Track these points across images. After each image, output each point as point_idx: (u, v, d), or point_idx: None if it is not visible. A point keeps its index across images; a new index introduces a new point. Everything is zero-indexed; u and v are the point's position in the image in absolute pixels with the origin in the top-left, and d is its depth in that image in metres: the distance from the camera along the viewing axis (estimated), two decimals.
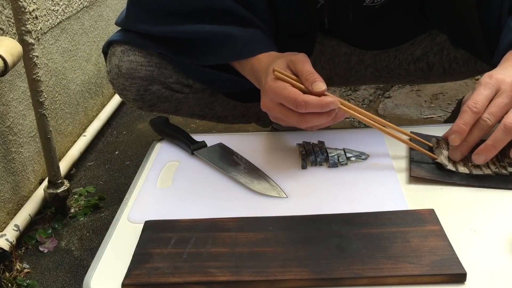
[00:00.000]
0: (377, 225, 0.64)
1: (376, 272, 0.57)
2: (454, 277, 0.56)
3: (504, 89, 0.72)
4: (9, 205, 1.20)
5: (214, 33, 0.88)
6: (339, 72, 1.16)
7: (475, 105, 0.71)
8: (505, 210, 0.68)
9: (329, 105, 0.71)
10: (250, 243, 0.62)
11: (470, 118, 0.71)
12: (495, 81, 0.72)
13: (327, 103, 0.71)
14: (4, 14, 1.16)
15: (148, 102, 0.99)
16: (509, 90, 0.71)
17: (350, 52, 1.13)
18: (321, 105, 0.71)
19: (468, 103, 0.72)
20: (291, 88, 0.73)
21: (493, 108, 0.71)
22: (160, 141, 0.92)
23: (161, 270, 0.59)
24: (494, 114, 0.71)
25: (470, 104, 0.71)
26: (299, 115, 0.72)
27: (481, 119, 0.71)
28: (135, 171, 0.85)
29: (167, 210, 0.73)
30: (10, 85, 1.20)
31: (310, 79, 0.73)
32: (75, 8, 1.55)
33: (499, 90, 0.72)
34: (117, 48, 0.96)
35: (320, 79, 0.73)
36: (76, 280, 1.10)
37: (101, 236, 0.70)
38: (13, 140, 1.22)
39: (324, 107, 0.71)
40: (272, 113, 0.76)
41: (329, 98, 0.71)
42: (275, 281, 0.57)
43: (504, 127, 0.70)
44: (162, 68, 0.95)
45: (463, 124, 0.71)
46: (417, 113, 1.70)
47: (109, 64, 0.97)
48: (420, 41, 1.10)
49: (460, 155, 0.75)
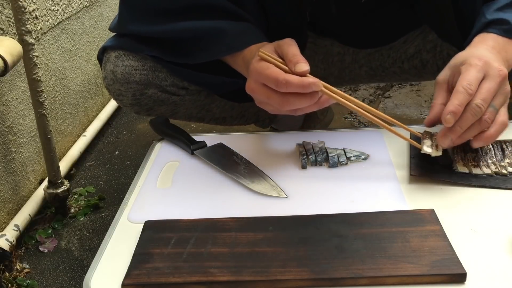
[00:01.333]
0: (377, 225, 0.65)
1: (376, 272, 0.57)
2: (454, 277, 0.56)
3: (493, 74, 0.71)
4: (9, 205, 1.20)
5: (205, 29, 0.88)
6: (334, 72, 1.17)
7: (470, 86, 0.70)
8: (505, 210, 0.68)
9: (310, 86, 0.70)
10: (250, 243, 0.62)
11: (465, 99, 0.70)
12: (484, 63, 0.72)
13: (308, 83, 0.70)
14: (4, 14, 1.16)
15: (145, 106, 0.99)
16: (497, 76, 0.71)
17: (343, 51, 1.13)
18: (302, 85, 0.70)
19: (462, 83, 0.70)
20: (273, 67, 0.72)
21: (484, 94, 0.70)
22: (160, 141, 0.92)
23: (161, 270, 0.59)
24: (486, 101, 0.71)
25: (465, 85, 0.70)
26: (281, 96, 0.72)
27: (475, 104, 0.70)
28: (135, 171, 0.85)
29: (167, 210, 0.73)
30: (10, 85, 1.20)
31: (293, 60, 0.72)
32: (75, 8, 1.54)
33: (487, 74, 0.72)
34: (111, 53, 0.96)
35: (303, 60, 0.72)
36: (76, 280, 1.10)
37: (101, 236, 0.70)
38: (13, 140, 1.22)
39: (306, 87, 0.70)
40: (255, 95, 0.76)
41: (310, 79, 0.70)
42: (275, 281, 0.57)
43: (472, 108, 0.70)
44: (157, 71, 0.95)
45: (459, 105, 0.70)
46: (417, 113, 1.70)
47: (104, 70, 0.97)
48: (413, 39, 1.10)
49: (450, 142, 0.73)
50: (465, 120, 0.71)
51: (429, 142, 0.76)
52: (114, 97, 1.00)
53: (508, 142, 0.80)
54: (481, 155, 0.77)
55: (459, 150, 0.79)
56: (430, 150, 0.74)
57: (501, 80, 0.72)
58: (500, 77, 0.72)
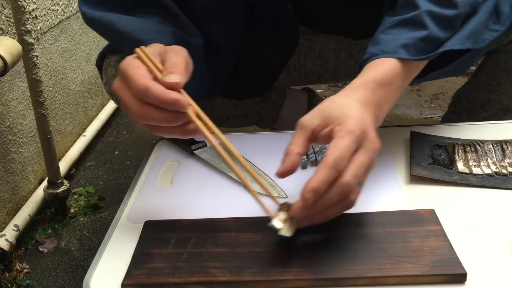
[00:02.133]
0: (377, 225, 0.64)
1: (376, 272, 0.57)
2: (455, 277, 0.56)
3: (368, 147, 0.61)
4: (9, 205, 1.20)
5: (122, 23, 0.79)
6: (330, 68, 1.17)
7: (341, 161, 0.58)
8: (505, 210, 0.68)
9: (173, 102, 0.59)
10: (250, 243, 0.62)
11: (333, 176, 0.58)
12: (361, 133, 0.61)
13: (171, 98, 0.59)
14: (4, 14, 1.15)
15: None
16: (371, 149, 0.61)
17: (339, 47, 1.13)
18: (163, 98, 0.59)
19: (334, 157, 0.58)
20: (142, 70, 0.62)
21: (357, 170, 0.59)
22: (160, 141, 0.92)
23: (161, 270, 0.59)
24: (357, 178, 0.59)
25: (336, 159, 0.58)
26: (139, 105, 0.61)
27: (345, 181, 0.58)
28: (135, 171, 0.85)
29: (167, 210, 0.73)
30: (9, 85, 1.20)
31: (169, 69, 0.61)
32: (75, 8, 1.54)
33: (362, 145, 0.61)
34: (112, 58, 0.94)
35: (180, 72, 0.61)
36: (76, 280, 1.10)
37: (101, 236, 0.70)
38: (13, 140, 1.22)
39: (167, 102, 0.59)
40: (119, 95, 0.63)
41: (175, 94, 0.59)
42: (275, 281, 0.57)
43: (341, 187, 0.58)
44: None
45: (324, 183, 0.57)
46: (417, 113, 1.70)
47: (105, 75, 0.95)
48: None
49: (309, 220, 0.61)
50: (330, 199, 0.59)
51: (283, 215, 0.61)
52: (117, 103, 0.98)
53: (508, 142, 0.80)
54: (482, 155, 0.77)
55: (459, 150, 0.79)
56: (280, 225, 0.60)
57: (373, 154, 0.62)
58: (374, 152, 0.62)
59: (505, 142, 0.80)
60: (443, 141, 0.83)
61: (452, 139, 0.83)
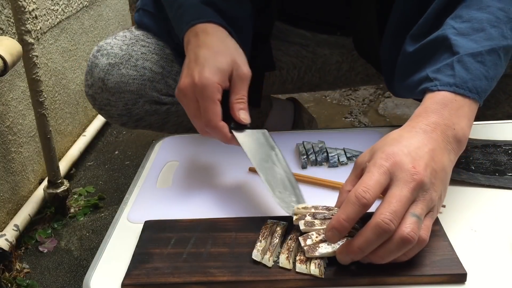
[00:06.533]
0: None
1: (376, 272, 0.57)
2: (455, 277, 0.56)
3: (402, 178, 0.55)
4: (9, 205, 1.20)
5: None
6: (328, 79, 1.15)
7: (364, 194, 0.54)
8: (505, 210, 0.68)
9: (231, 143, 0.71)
10: (250, 243, 0.62)
11: (355, 211, 0.54)
12: (392, 164, 0.56)
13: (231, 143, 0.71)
14: (4, 14, 1.15)
15: (135, 117, 0.97)
16: (409, 180, 0.55)
17: (341, 60, 1.12)
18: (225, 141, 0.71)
19: (357, 189, 0.55)
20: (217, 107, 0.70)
21: (394, 205, 0.54)
22: (160, 141, 0.92)
23: (161, 270, 0.59)
24: (398, 214, 0.53)
25: (359, 191, 0.54)
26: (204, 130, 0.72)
27: (380, 220, 0.53)
28: (135, 171, 0.85)
29: (167, 210, 0.73)
30: (9, 84, 1.20)
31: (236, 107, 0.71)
32: (74, 8, 1.54)
33: (394, 178, 0.56)
34: (101, 60, 0.93)
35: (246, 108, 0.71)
36: (76, 280, 1.10)
37: (101, 236, 0.70)
38: (13, 140, 1.22)
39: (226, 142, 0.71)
40: (182, 98, 0.73)
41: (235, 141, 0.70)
42: (275, 281, 0.57)
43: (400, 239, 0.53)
44: (155, 82, 0.94)
45: (345, 220, 0.54)
46: None
47: (90, 76, 0.93)
48: None
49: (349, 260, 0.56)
50: (365, 241, 0.54)
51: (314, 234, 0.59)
52: (98, 107, 0.96)
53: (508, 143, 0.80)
54: None
55: None
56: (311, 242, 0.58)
57: (415, 186, 0.55)
58: (414, 182, 0.55)
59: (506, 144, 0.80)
60: None
61: None
